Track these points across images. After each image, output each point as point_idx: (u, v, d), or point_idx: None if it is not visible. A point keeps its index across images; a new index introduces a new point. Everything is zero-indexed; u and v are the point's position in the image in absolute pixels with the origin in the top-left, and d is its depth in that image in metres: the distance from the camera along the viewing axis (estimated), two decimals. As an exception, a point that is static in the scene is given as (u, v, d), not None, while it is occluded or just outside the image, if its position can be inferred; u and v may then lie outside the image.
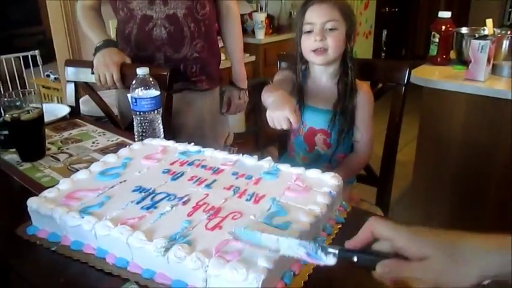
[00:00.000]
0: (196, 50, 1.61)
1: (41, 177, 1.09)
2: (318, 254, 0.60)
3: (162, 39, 1.56)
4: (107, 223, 0.74)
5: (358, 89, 1.29)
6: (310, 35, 1.24)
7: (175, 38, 1.57)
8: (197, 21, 1.58)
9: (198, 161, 0.99)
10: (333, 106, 1.30)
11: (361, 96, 1.30)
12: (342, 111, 1.29)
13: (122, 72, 1.46)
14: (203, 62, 1.64)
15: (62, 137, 1.35)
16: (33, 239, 0.82)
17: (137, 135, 1.21)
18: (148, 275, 0.69)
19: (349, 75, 1.28)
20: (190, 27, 1.57)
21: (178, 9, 1.55)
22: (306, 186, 0.86)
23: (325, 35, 1.22)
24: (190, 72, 1.62)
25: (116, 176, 0.93)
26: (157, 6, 1.53)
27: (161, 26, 1.55)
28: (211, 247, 0.67)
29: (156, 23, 1.55)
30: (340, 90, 1.29)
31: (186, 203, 0.81)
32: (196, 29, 1.58)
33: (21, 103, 1.15)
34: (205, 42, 1.63)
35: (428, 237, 0.56)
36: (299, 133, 1.37)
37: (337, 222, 0.84)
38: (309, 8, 1.24)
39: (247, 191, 0.85)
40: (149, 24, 1.55)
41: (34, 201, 0.83)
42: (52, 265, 0.77)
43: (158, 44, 1.57)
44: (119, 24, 1.64)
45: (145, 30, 1.56)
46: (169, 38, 1.56)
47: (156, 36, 1.56)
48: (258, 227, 0.72)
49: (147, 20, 1.55)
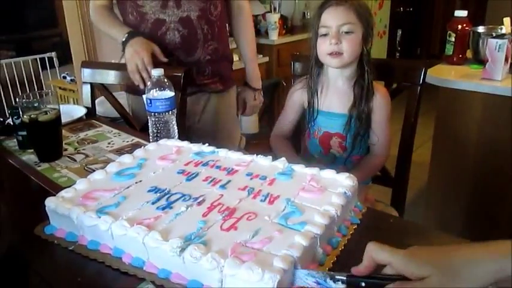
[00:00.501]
0: (209, 52, 1.59)
1: (58, 177, 1.10)
2: (327, 281, 0.61)
3: (175, 43, 1.53)
4: (123, 223, 0.75)
5: (375, 92, 1.28)
6: (326, 38, 1.22)
7: (188, 42, 1.54)
8: (210, 22, 1.56)
9: (213, 162, 1.00)
10: (349, 110, 1.28)
11: (378, 99, 1.28)
12: (358, 115, 1.28)
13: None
14: (216, 64, 1.62)
15: (78, 138, 1.37)
16: (51, 239, 0.83)
17: (152, 136, 1.22)
18: (164, 275, 0.70)
19: (365, 78, 1.27)
20: (203, 29, 1.55)
21: (191, 12, 1.52)
22: (321, 186, 0.86)
23: (341, 38, 1.20)
24: (203, 75, 1.60)
25: (131, 177, 0.93)
26: (170, 10, 1.50)
27: (174, 29, 1.52)
28: (226, 247, 0.68)
29: (169, 26, 1.52)
30: (356, 93, 1.27)
31: (201, 204, 0.82)
32: (210, 31, 1.56)
33: (39, 104, 1.17)
34: (218, 44, 1.61)
35: (423, 257, 0.58)
36: (314, 136, 1.36)
37: (353, 223, 0.84)
38: (325, 11, 1.22)
39: (262, 192, 0.85)
40: (162, 29, 1.52)
41: (52, 201, 0.84)
42: (69, 264, 0.78)
43: (171, 48, 1.54)
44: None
45: (157, 35, 1.52)
46: (183, 42, 1.54)
47: (169, 40, 1.53)
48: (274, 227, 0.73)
49: (159, 24, 1.52)
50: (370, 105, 1.27)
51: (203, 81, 1.61)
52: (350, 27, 1.20)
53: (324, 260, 0.72)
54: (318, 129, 1.34)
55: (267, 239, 0.70)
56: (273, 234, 0.71)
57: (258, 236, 0.71)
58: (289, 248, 0.66)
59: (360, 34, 1.22)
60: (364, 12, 1.23)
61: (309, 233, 0.70)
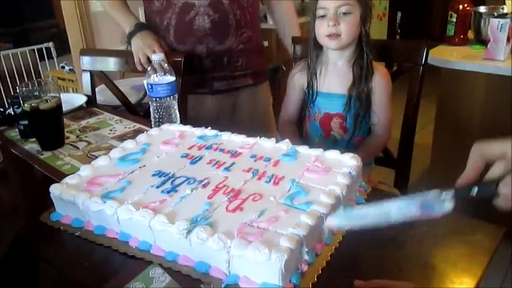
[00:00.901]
0: (242, 40, 1.48)
1: (62, 165, 1.10)
2: (432, 205, 0.56)
3: (204, 29, 1.43)
4: (129, 207, 0.75)
5: (375, 72, 1.27)
6: (324, 20, 1.22)
7: (219, 28, 1.43)
8: (243, 8, 1.46)
9: (216, 145, 0.99)
10: (348, 90, 1.28)
11: (378, 79, 1.28)
12: (358, 95, 1.27)
13: None
14: (249, 54, 1.53)
15: (80, 126, 1.36)
16: (57, 225, 0.83)
17: (154, 122, 1.21)
18: (171, 258, 0.70)
19: (364, 58, 1.26)
20: (236, 14, 1.44)
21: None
22: (326, 167, 0.85)
23: (339, 20, 1.20)
24: (235, 67, 1.51)
25: (135, 162, 0.93)
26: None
27: (204, 14, 1.41)
28: (233, 229, 0.68)
29: (198, 11, 1.41)
30: (355, 73, 1.27)
31: (205, 186, 0.82)
32: (243, 17, 1.46)
33: (39, 93, 1.16)
34: (252, 31, 1.51)
35: None
36: (314, 118, 1.36)
37: (358, 203, 0.84)
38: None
39: (267, 173, 0.85)
40: (191, 13, 1.41)
41: (56, 187, 0.84)
42: (76, 250, 0.78)
43: (200, 35, 1.44)
44: (151, 16, 1.53)
45: (185, 20, 1.43)
46: (213, 28, 1.43)
47: (198, 26, 1.43)
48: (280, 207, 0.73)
49: (188, 8, 1.41)
50: (369, 85, 1.27)
51: (234, 73, 1.52)
52: (348, 8, 1.20)
53: (331, 239, 0.72)
54: (318, 111, 1.34)
55: (273, 218, 0.70)
56: (278, 214, 0.71)
57: (264, 216, 0.71)
58: (296, 227, 0.66)
59: (358, 15, 1.22)
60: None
61: (315, 212, 0.70)
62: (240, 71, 1.52)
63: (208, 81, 1.52)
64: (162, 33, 1.51)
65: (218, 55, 1.47)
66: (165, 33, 1.50)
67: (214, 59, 1.46)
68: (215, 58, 1.46)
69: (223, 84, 1.52)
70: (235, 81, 1.54)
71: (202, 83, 1.52)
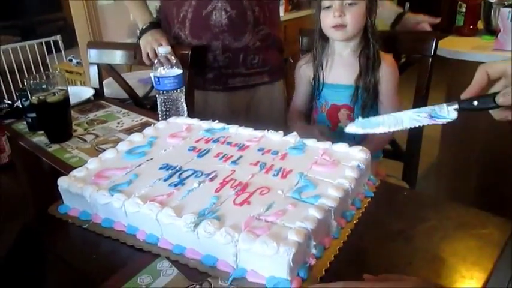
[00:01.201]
0: (259, 38, 1.45)
1: (69, 158, 1.10)
2: (439, 113, 0.64)
3: (221, 25, 1.40)
4: (137, 200, 0.74)
5: (382, 62, 1.26)
6: (329, 11, 1.21)
7: (236, 24, 1.40)
8: (262, 4, 1.42)
9: (223, 138, 0.99)
10: (355, 80, 1.27)
11: (385, 69, 1.27)
12: (365, 85, 1.27)
13: None
14: (266, 51, 1.49)
15: (88, 119, 1.36)
16: (65, 218, 0.83)
17: (161, 115, 1.21)
18: (178, 251, 0.70)
19: (370, 48, 1.25)
20: (254, 11, 1.40)
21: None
22: (334, 160, 0.85)
23: (344, 11, 1.19)
24: (251, 64, 1.47)
25: (142, 155, 0.93)
26: None
27: (221, 9, 1.38)
28: (240, 222, 0.67)
29: (215, 6, 1.38)
30: (361, 63, 1.26)
31: (213, 180, 0.81)
32: (261, 13, 1.42)
33: (47, 86, 1.17)
34: (270, 29, 1.47)
35: None
36: (322, 110, 1.35)
37: (366, 196, 0.83)
38: None
39: (274, 167, 0.84)
40: (208, 8, 1.39)
41: (64, 180, 0.84)
42: (84, 242, 0.78)
43: (216, 31, 1.41)
44: (168, 8, 1.51)
45: (202, 15, 1.40)
46: (230, 24, 1.40)
47: (214, 21, 1.40)
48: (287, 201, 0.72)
49: (205, 3, 1.38)
50: (376, 75, 1.26)
51: (250, 71, 1.49)
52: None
53: (339, 232, 0.72)
54: (325, 102, 1.33)
55: (280, 212, 0.69)
56: (286, 208, 0.70)
57: (272, 209, 0.71)
58: (304, 220, 0.65)
59: (364, 5, 1.21)
60: None
61: (323, 206, 0.69)
62: (256, 69, 1.49)
63: (222, 78, 1.49)
64: (178, 27, 1.48)
65: (234, 52, 1.43)
66: (181, 26, 1.47)
67: (229, 56, 1.43)
68: (230, 55, 1.43)
69: (238, 81, 1.49)
70: (251, 79, 1.51)
71: (216, 79, 1.50)
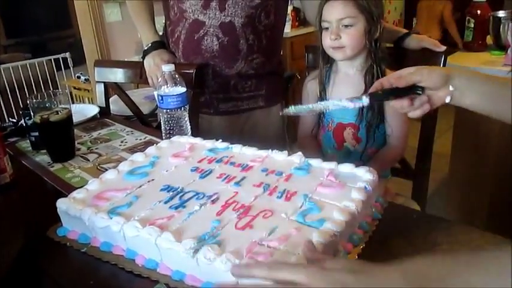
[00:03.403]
0: (253, 66, 1.39)
1: (71, 177, 1.09)
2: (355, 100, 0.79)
3: (212, 51, 1.36)
4: (135, 224, 0.72)
5: None
6: (328, 32, 1.22)
7: (228, 52, 1.35)
8: (258, 32, 1.37)
9: (227, 158, 0.97)
10: None
11: None
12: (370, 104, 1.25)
13: None
14: (261, 77, 1.43)
15: (91, 137, 1.35)
16: (63, 241, 0.81)
17: (164, 133, 1.19)
18: (178, 277, 0.68)
19: (374, 67, 1.24)
20: (248, 39, 1.35)
21: (236, 18, 1.32)
22: (340, 181, 0.82)
23: (340, 33, 1.19)
24: (243, 88, 1.42)
25: (144, 175, 0.91)
26: (212, 11, 1.32)
27: (213, 35, 1.34)
28: (242, 247, 0.65)
29: (207, 31, 1.34)
30: (367, 81, 1.25)
31: (215, 202, 0.79)
32: (256, 42, 1.37)
33: (50, 104, 1.16)
34: (266, 57, 1.41)
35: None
36: (328, 129, 1.33)
37: (374, 218, 0.80)
38: (325, 5, 1.20)
39: (278, 188, 0.82)
40: (199, 32, 1.35)
41: (63, 202, 0.83)
42: (82, 267, 0.76)
43: (207, 56, 1.37)
44: (168, 26, 1.49)
45: (194, 38, 1.36)
46: (222, 51, 1.35)
47: (205, 46, 1.36)
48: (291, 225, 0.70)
49: (197, 26, 1.35)
50: None
51: (242, 95, 1.43)
52: (350, 20, 1.18)
53: (345, 258, 0.69)
54: (331, 121, 1.32)
55: (284, 237, 0.67)
56: (290, 232, 0.68)
57: (275, 234, 0.68)
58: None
59: (362, 26, 1.19)
60: (366, 4, 1.19)
61: (328, 231, 0.67)
62: (249, 93, 1.43)
63: (213, 102, 1.45)
64: (172, 46, 1.48)
65: (225, 78, 1.38)
66: (175, 47, 1.47)
67: (219, 82, 1.38)
68: (220, 81, 1.38)
69: (230, 105, 1.44)
70: (244, 103, 1.45)
71: (207, 103, 1.46)
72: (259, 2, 1.35)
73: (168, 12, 1.46)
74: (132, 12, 1.55)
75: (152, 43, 1.44)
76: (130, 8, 1.56)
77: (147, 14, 1.52)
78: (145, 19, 1.52)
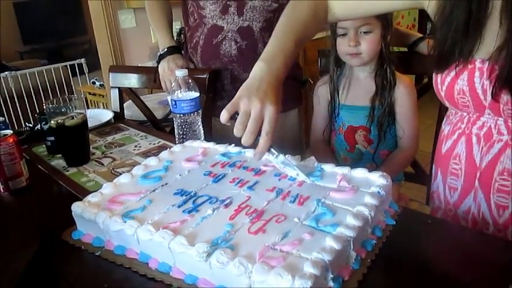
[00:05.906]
0: None
1: (86, 181, 1.10)
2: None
3: (230, 55, 1.38)
4: (149, 227, 0.73)
5: (398, 83, 1.25)
6: (345, 39, 1.22)
7: (246, 56, 1.36)
8: None
9: (240, 162, 0.97)
10: (371, 100, 1.26)
11: (401, 89, 1.25)
12: (380, 105, 1.25)
13: None
14: None
15: (106, 142, 1.37)
16: (78, 244, 0.82)
17: (178, 138, 1.20)
18: (191, 281, 0.68)
19: (386, 69, 1.24)
20: (266, 43, 1.39)
21: (254, 22, 1.34)
22: (353, 186, 0.82)
23: (360, 39, 1.19)
24: None
25: (157, 180, 0.92)
26: (230, 17, 1.34)
27: (232, 39, 1.36)
28: (255, 252, 0.65)
29: (226, 35, 1.36)
30: (377, 84, 1.25)
31: (228, 206, 0.79)
32: None
33: (66, 109, 1.18)
34: None
35: None
36: (339, 132, 1.33)
37: (388, 224, 0.79)
38: None
39: (291, 193, 0.82)
40: (218, 37, 1.37)
41: (78, 206, 0.83)
42: (96, 270, 0.77)
43: (225, 60, 1.39)
44: (187, 32, 1.50)
45: (212, 43, 1.38)
46: (240, 55, 1.37)
47: (224, 51, 1.38)
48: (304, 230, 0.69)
49: (216, 31, 1.37)
50: (392, 95, 1.24)
51: None
52: (368, 27, 1.19)
53: (358, 263, 0.68)
54: (342, 124, 1.32)
55: (296, 241, 0.66)
56: (303, 237, 0.67)
57: (288, 238, 0.68)
58: (321, 251, 0.62)
59: (379, 32, 1.20)
60: None
61: (342, 236, 0.66)
62: None
63: None
64: (190, 51, 1.48)
65: (243, 83, 1.41)
66: (193, 52, 1.48)
67: (237, 87, 1.40)
68: (239, 85, 1.41)
69: None
70: None
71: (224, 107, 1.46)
72: (277, 6, 1.35)
73: (187, 18, 1.47)
74: (150, 16, 1.57)
75: (168, 48, 1.46)
76: (149, 12, 1.57)
77: (166, 19, 1.54)
78: (163, 24, 1.53)
